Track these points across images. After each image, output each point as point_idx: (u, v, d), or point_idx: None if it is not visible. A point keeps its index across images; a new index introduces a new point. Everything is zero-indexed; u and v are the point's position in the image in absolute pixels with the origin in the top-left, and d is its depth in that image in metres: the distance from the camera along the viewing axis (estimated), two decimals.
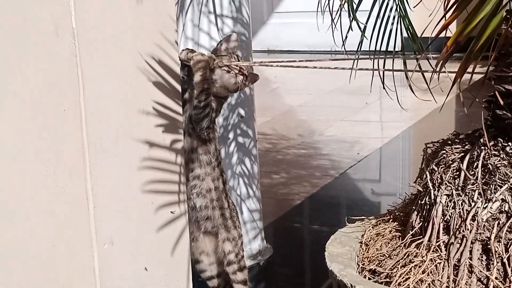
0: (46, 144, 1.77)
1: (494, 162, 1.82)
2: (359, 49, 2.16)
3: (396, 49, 2.19)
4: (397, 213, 2.06)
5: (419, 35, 2.20)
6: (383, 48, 2.18)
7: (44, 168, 1.78)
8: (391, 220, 2.05)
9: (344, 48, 2.17)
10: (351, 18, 2.14)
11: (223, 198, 2.17)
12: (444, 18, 1.49)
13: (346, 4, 1.99)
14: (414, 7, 2.05)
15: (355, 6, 2.06)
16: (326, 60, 2.05)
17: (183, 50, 2.12)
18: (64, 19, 1.75)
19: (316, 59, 1.95)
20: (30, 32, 1.71)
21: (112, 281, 1.92)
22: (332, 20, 2.10)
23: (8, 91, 1.67)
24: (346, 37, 2.07)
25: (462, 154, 1.87)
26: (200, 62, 2.04)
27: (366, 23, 2.15)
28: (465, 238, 1.80)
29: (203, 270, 2.29)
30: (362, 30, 2.11)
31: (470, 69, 1.62)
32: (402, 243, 1.91)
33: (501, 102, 1.78)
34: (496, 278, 1.75)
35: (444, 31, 1.56)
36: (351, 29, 2.16)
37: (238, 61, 2.08)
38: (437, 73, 1.50)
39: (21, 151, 1.74)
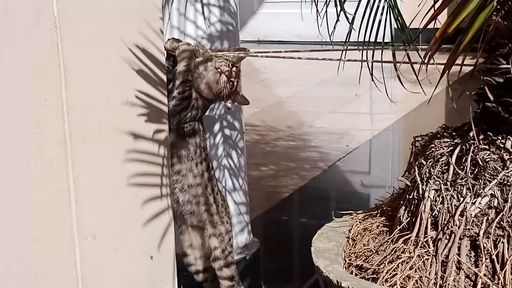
0: (26, 135, 1.73)
1: (483, 157, 1.79)
2: (347, 40, 2.13)
3: (385, 41, 2.15)
4: (384, 208, 2.03)
5: (408, 26, 2.16)
6: (372, 39, 2.15)
7: (25, 160, 1.74)
8: (378, 214, 2.02)
9: (331, 39, 2.13)
10: (338, 9, 2.10)
11: (208, 194, 2.13)
12: (433, 9, 1.45)
13: None
14: None
15: None
16: (316, 50, 2.01)
17: (168, 39, 2.08)
18: (46, 7, 1.70)
19: (305, 49, 1.92)
20: (10, 19, 1.66)
21: (94, 276, 1.89)
22: (317, 10, 2.06)
23: None
24: (334, 28, 2.03)
25: (451, 148, 1.84)
26: (185, 52, 1.99)
27: (355, 14, 2.12)
28: (453, 234, 1.77)
29: (190, 263, 2.26)
30: (350, 21, 2.07)
31: (459, 61, 1.59)
32: (389, 239, 1.88)
33: (490, 95, 1.75)
34: (484, 275, 1.73)
35: (434, 22, 1.53)
36: (339, 20, 2.13)
37: (232, 66, 2.03)
38: (426, 65, 1.46)
39: (1, 143, 1.69)
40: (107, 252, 1.94)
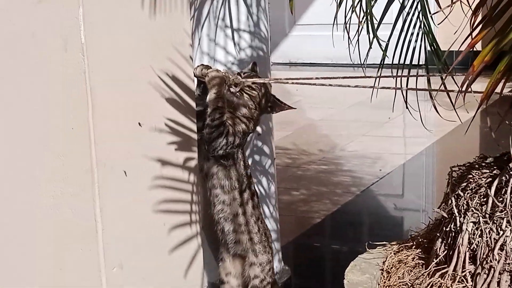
0: (53, 164, 1.71)
1: None
2: (381, 66, 2.08)
3: (419, 63, 2.11)
4: (420, 240, 1.96)
5: (442, 51, 2.11)
6: (404, 63, 2.10)
7: (52, 189, 1.72)
8: (414, 246, 1.95)
9: (363, 66, 2.09)
10: (370, 35, 2.05)
11: (253, 223, 2.11)
12: (470, 36, 1.39)
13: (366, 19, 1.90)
14: (439, 24, 1.95)
15: (376, 21, 1.97)
16: (348, 74, 1.96)
17: (198, 66, 2.04)
18: (73, 34, 1.68)
19: (337, 72, 1.87)
20: (37, 47, 1.64)
21: None
22: (349, 36, 2.02)
23: (14, 108, 1.61)
24: (367, 54, 1.98)
25: (490, 179, 1.77)
26: (215, 79, 1.96)
27: (388, 40, 2.06)
28: (492, 269, 1.69)
29: None
30: (383, 48, 2.02)
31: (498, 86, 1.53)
32: (425, 272, 1.81)
33: None
34: None
35: (459, 47, 1.48)
36: (371, 47, 2.08)
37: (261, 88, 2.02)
38: (464, 93, 1.40)
39: (28, 171, 1.67)
40: (134, 282, 1.90)
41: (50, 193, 1.72)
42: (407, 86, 1.90)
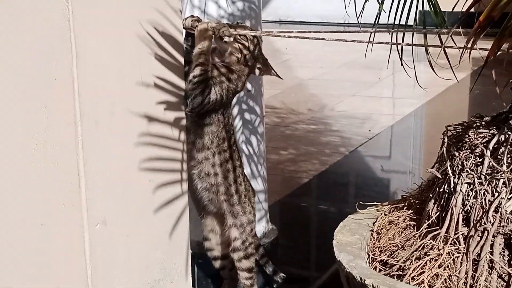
0: (35, 116, 1.64)
1: None
2: (376, 22, 2.01)
3: (413, 23, 2.04)
4: (412, 200, 1.92)
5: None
6: (401, 22, 2.03)
7: (33, 141, 1.66)
8: (405, 207, 1.91)
9: (359, 21, 2.02)
10: None
11: (229, 184, 2.04)
12: None
13: None
14: None
15: None
16: (340, 32, 1.90)
17: (187, 17, 1.97)
18: None
19: (328, 31, 1.80)
20: None
21: (104, 264, 1.80)
22: None
23: None
24: (363, 8, 1.91)
25: (487, 139, 1.72)
26: (203, 32, 1.89)
27: None
28: (486, 231, 1.66)
29: (210, 248, 2.20)
30: (380, 2, 1.95)
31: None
32: (417, 234, 1.77)
33: None
34: None
35: (463, 5, 1.42)
36: (367, 0, 2.01)
37: (254, 46, 1.96)
38: (470, 50, 1.34)
39: (7, 122, 1.61)
40: (118, 239, 1.85)
41: (32, 146, 1.66)
42: (402, 42, 1.83)
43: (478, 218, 1.67)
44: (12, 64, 1.58)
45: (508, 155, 1.67)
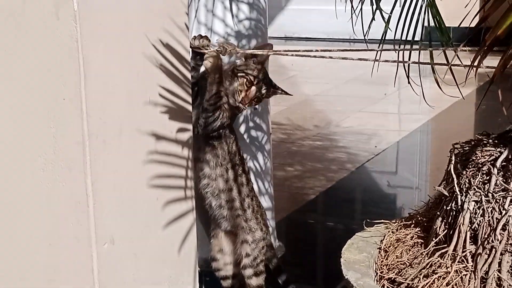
0: (43, 136, 1.65)
1: None
2: (383, 39, 2.03)
3: (418, 39, 2.05)
4: (419, 218, 1.92)
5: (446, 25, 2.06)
6: (407, 38, 2.05)
7: (42, 161, 1.67)
8: (413, 225, 1.91)
9: (366, 39, 2.03)
10: (373, 7, 1.99)
11: (241, 200, 2.06)
12: (483, 10, 1.34)
13: None
14: None
15: None
16: (346, 49, 1.91)
17: (195, 36, 1.99)
18: (66, 1, 1.62)
19: (333, 47, 1.82)
20: (28, 14, 1.58)
21: (112, 282, 1.80)
22: (352, 7, 1.96)
23: (3, 77, 1.55)
24: (369, 27, 1.93)
25: (493, 156, 1.72)
26: (213, 62, 1.92)
27: (391, 12, 2.01)
28: (494, 249, 1.65)
29: (218, 268, 2.20)
30: (386, 20, 1.96)
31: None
32: (424, 251, 1.77)
33: None
34: None
35: (470, 22, 1.43)
36: (374, 19, 2.02)
37: (259, 72, 2.00)
38: (476, 68, 1.35)
39: (16, 143, 1.62)
40: (126, 258, 1.86)
41: (40, 166, 1.67)
42: (409, 60, 1.84)
43: (486, 236, 1.66)
44: (20, 84, 1.59)
45: None
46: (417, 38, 2.08)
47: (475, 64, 1.33)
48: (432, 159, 4.23)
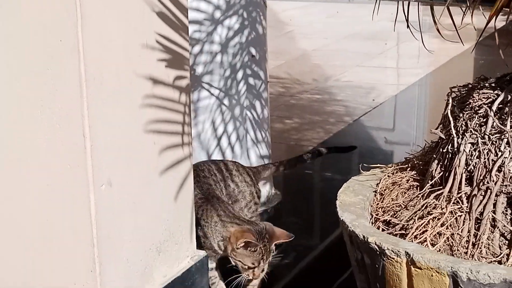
0: (40, 77, 1.65)
1: None
2: None
3: None
4: (415, 162, 1.93)
5: None
6: None
7: (39, 103, 1.66)
8: (409, 168, 1.92)
9: None
10: None
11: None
12: None
13: None
14: None
15: None
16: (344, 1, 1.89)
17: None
18: None
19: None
20: None
21: (109, 224, 1.81)
22: None
23: None
24: None
25: (491, 99, 1.73)
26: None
27: None
28: (489, 190, 1.66)
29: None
30: None
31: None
32: (420, 194, 1.78)
33: None
34: None
35: None
36: None
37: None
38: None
39: (12, 83, 1.61)
40: (123, 200, 1.86)
41: (38, 107, 1.67)
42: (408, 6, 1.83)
43: (481, 178, 1.67)
44: (16, 26, 1.58)
45: None
46: None
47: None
48: (430, 112, 4.24)
